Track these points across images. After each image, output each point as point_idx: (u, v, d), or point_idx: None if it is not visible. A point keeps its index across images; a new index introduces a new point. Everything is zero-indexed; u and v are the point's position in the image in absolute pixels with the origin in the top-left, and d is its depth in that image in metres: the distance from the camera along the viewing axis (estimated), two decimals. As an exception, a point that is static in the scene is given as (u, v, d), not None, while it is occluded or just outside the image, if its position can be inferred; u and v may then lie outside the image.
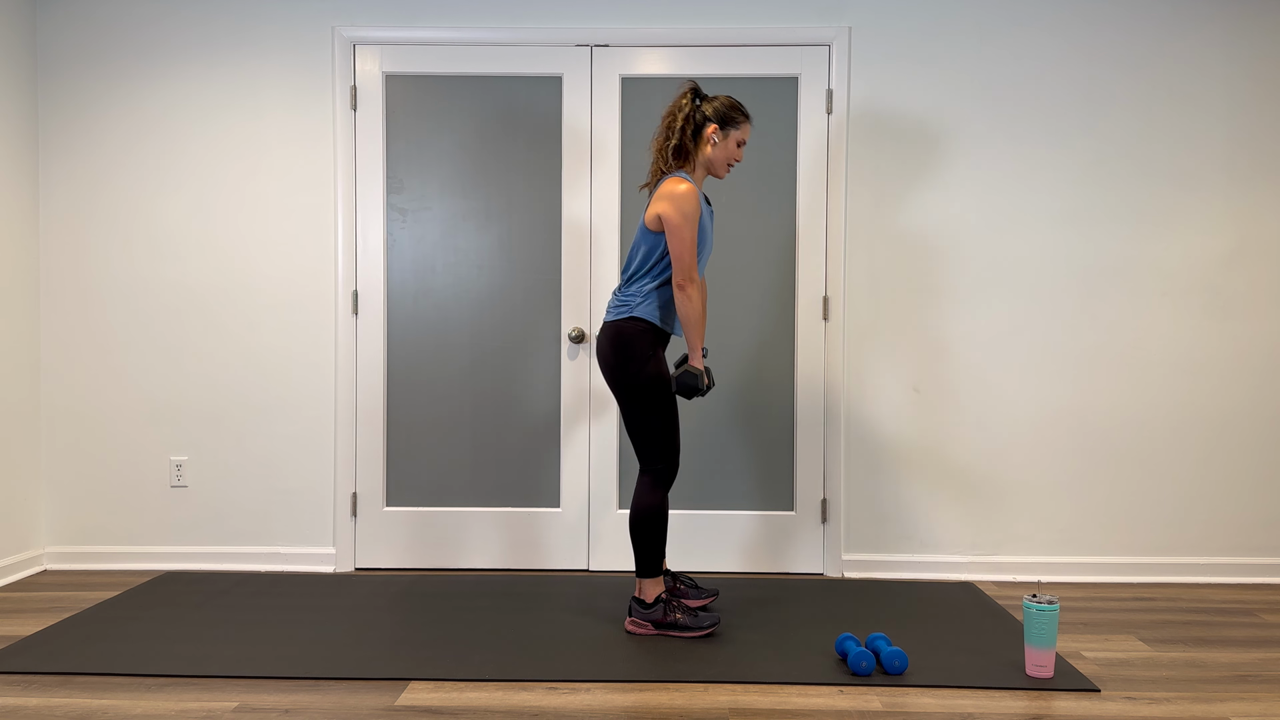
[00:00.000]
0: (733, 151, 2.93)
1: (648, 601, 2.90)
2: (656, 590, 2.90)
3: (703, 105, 2.91)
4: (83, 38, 3.64)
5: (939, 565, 3.63)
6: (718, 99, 2.91)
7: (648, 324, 2.87)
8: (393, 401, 3.69)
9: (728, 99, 2.92)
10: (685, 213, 2.78)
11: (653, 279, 2.88)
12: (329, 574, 3.63)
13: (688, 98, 2.90)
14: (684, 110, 2.88)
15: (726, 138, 2.90)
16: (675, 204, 2.78)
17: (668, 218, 2.79)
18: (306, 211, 3.65)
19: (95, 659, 2.67)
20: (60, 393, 3.69)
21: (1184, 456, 3.61)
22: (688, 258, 2.80)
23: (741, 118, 2.91)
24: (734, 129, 2.90)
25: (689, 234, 2.79)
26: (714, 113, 2.89)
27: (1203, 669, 2.67)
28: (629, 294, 2.91)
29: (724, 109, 2.89)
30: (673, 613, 2.88)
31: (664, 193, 2.81)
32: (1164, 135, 3.57)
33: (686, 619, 2.88)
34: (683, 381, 2.86)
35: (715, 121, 2.88)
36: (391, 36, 3.62)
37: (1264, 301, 3.60)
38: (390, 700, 2.40)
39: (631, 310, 2.87)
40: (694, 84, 2.93)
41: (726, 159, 2.93)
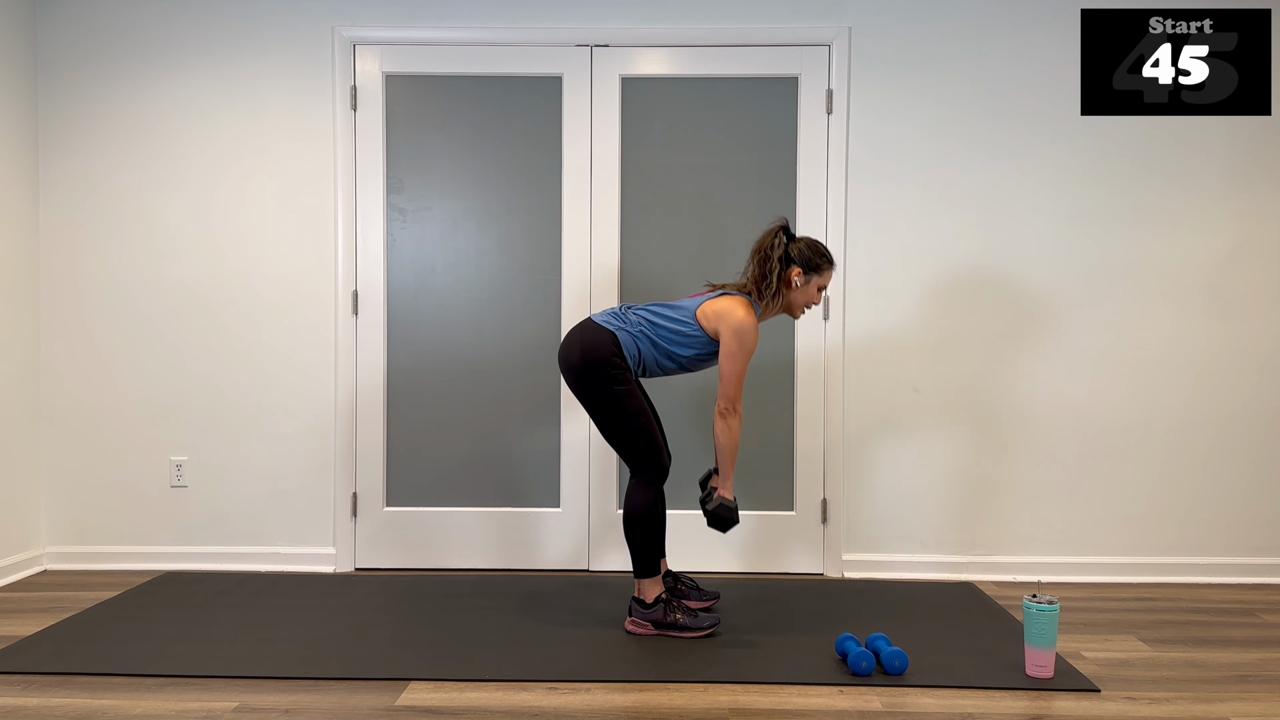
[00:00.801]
0: (812, 295, 2.95)
1: (647, 601, 2.90)
2: (656, 590, 2.90)
3: (790, 246, 2.91)
4: (83, 38, 3.64)
5: (939, 565, 3.63)
6: (802, 241, 2.92)
7: (622, 354, 2.84)
8: (393, 401, 3.69)
9: (813, 244, 2.93)
10: (746, 347, 2.81)
11: (665, 342, 2.87)
12: (329, 574, 3.63)
13: (780, 237, 2.90)
14: (778, 251, 2.88)
15: (808, 283, 2.92)
16: (739, 337, 2.80)
17: (726, 343, 2.81)
18: (306, 211, 3.65)
19: (95, 659, 2.67)
20: (60, 393, 3.69)
21: (1184, 456, 3.61)
22: (734, 388, 2.82)
23: (826, 264, 2.93)
24: (816, 275, 2.92)
25: (742, 366, 2.81)
26: (799, 256, 2.89)
27: (1203, 669, 2.67)
28: (632, 320, 2.88)
29: (810, 254, 2.90)
30: (673, 613, 2.88)
31: (730, 320, 2.80)
32: (1164, 135, 3.57)
33: (686, 619, 2.88)
34: (718, 515, 2.85)
35: (800, 265, 2.89)
36: (391, 36, 3.62)
37: (1264, 301, 3.59)
38: (390, 700, 2.40)
39: (615, 330, 2.85)
40: (784, 222, 2.93)
41: (805, 302, 2.95)
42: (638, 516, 2.88)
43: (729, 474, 2.90)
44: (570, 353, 2.89)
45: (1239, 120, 3.55)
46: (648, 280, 3.64)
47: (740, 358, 2.81)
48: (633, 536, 2.89)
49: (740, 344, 2.81)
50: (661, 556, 2.95)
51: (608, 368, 2.83)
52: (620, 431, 2.87)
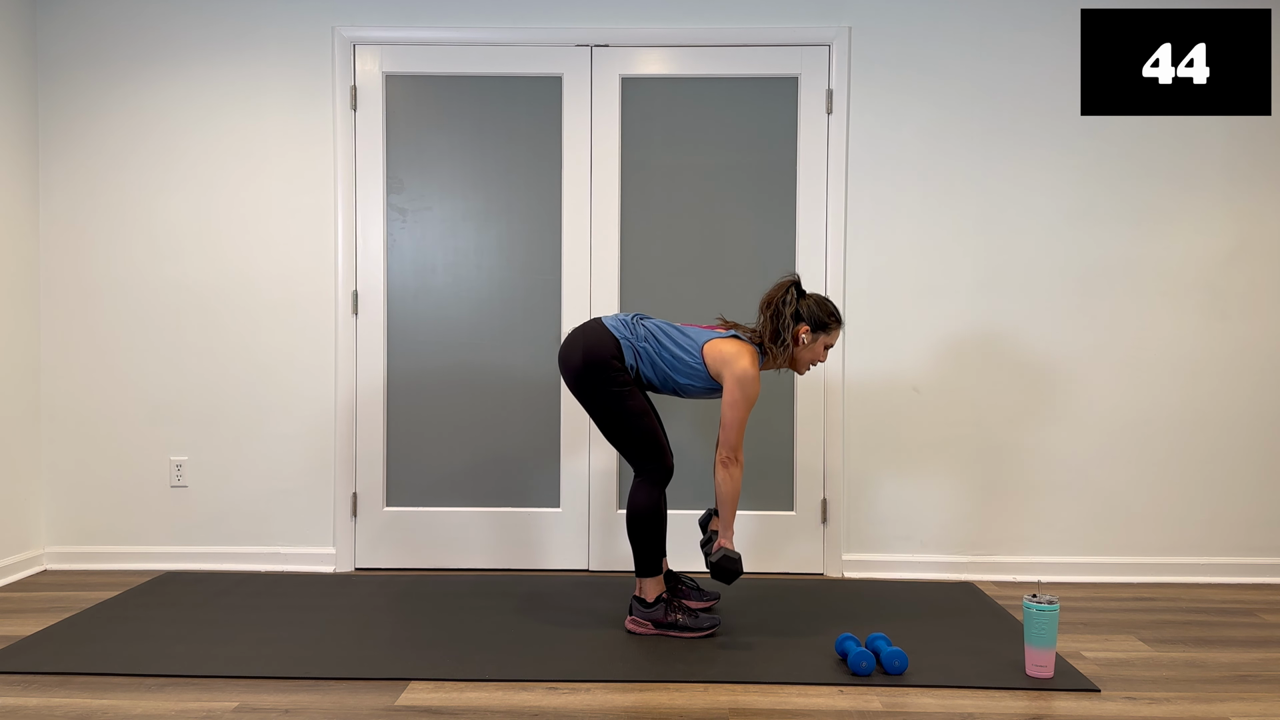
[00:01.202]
0: (818, 353, 2.94)
1: (648, 601, 2.90)
2: (657, 590, 2.90)
3: (801, 303, 2.89)
4: (83, 38, 3.64)
5: (939, 565, 3.63)
6: (812, 299, 2.91)
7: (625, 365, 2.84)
8: (393, 401, 3.69)
9: (823, 302, 2.92)
10: (749, 396, 2.80)
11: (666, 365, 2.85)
12: (329, 574, 3.63)
13: (792, 293, 2.89)
14: (790, 306, 2.86)
15: (815, 341, 2.91)
16: (742, 386, 2.79)
17: (729, 390, 2.80)
18: (307, 211, 3.65)
19: (95, 659, 2.67)
20: (60, 393, 3.69)
21: (1184, 456, 3.61)
22: (736, 435, 2.81)
23: (834, 323, 2.92)
24: (824, 334, 2.91)
25: (744, 414, 2.81)
26: (808, 313, 2.88)
27: (1203, 669, 2.67)
28: (640, 332, 2.87)
29: (819, 313, 2.89)
30: (673, 613, 2.88)
31: (735, 369, 2.79)
32: (1164, 135, 3.57)
33: (687, 619, 2.88)
34: (722, 567, 2.83)
35: (808, 323, 2.88)
36: (391, 36, 3.62)
37: (1264, 301, 3.59)
38: (390, 700, 2.40)
39: (620, 338, 2.85)
40: (795, 279, 2.92)
41: (811, 359, 2.94)
42: (640, 516, 2.88)
43: (730, 524, 2.87)
44: (572, 353, 2.88)
45: (1239, 120, 3.55)
46: (648, 280, 3.64)
47: (743, 406, 2.81)
48: (635, 536, 2.89)
49: (743, 393, 2.80)
50: (663, 556, 2.95)
51: (608, 369, 2.83)
52: (622, 432, 2.87)
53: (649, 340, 2.87)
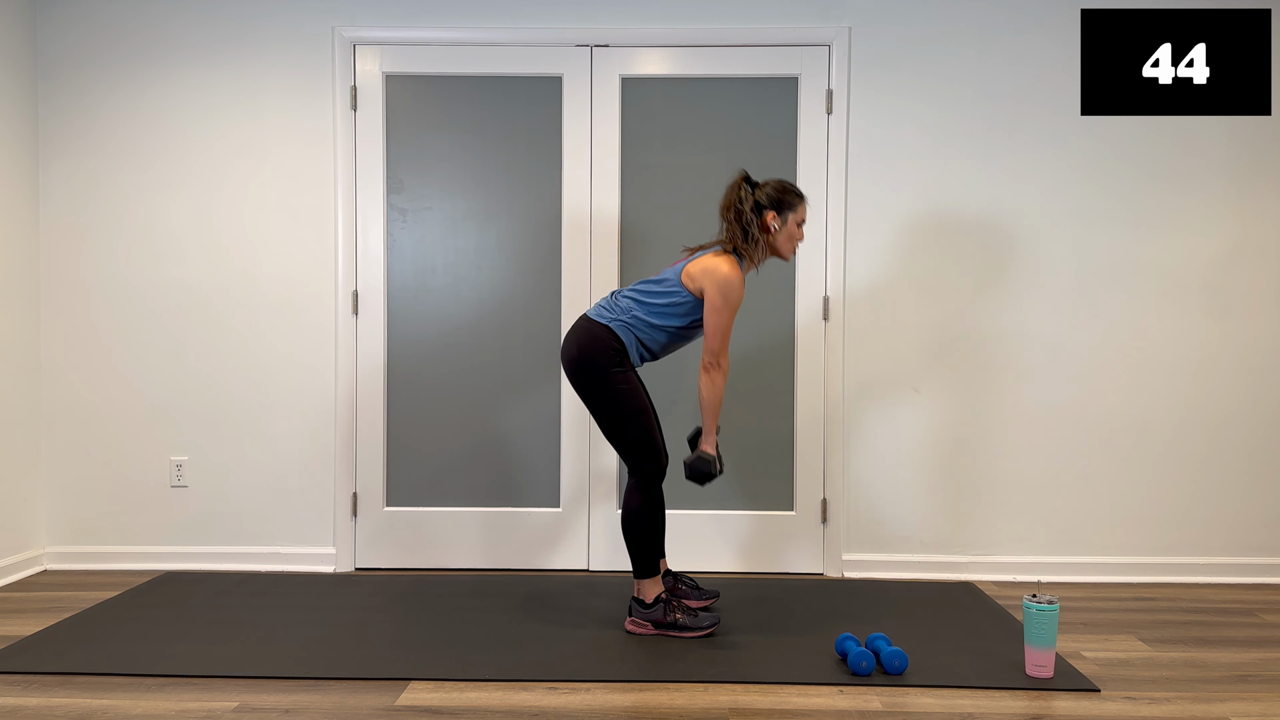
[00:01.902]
0: (794, 233, 2.92)
1: (647, 601, 2.90)
2: (656, 590, 2.90)
3: (756, 192, 2.88)
4: (83, 39, 3.64)
5: (939, 565, 3.63)
6: (768, 184, 2.89)
7: (621, 347, 2.86)
8: (393, 401, 3.69)
9: (779, 183, 2.90)
10: (731, 301, 2.79)
11: (653, 314, 2.87)
12: (329, 574, 3.63)
13: (744, 189, 2.87)
14: (746, 202, 2.85)
15: (785, 223, 2.89)
16: (723, 291, 2.78)
17: (710, 298, 2.79)
18: (307, 211, 3.65)
19: (95, 659, 2.67)
20: (60, 392, 3.69)
21: (1184, 456, 3.61)
22: (719, 342, 2.80)
23: (796, 199, 2.90)
24: (790, 212, 2.89)
25: (727, 319, 2.80)
26: (768, 199, 2.87)
27: (1203, 669, 2.67)
28: (620, 309, 2.89)
29: (778, 194, 2.88)
30: (673, 613, 2.88)
31: (716, 275, 2.79)
32: (1164, 136, 3.57)
33: (686, 619, 2.88)
34: (695, 468, 2.86)
35: (772, 208, 2.87)
36: (391, 36, 3.62)
37: (1264, 301, 3.59)
38: (390, 700, 2.40)
39: (609, 323, 2.86)
40: (744, 173, 2.91)
41: (789, 242, 2.92)
42: (636, 517, 2.88)
43: (712, 429, 2.88)
44: (569, 352, 2.90)
45: (1239, 120, 3.55)
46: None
47: (725, 311, 2.79)
48: (631, 537, 2.89)
49: (725, 298, 2.78)
50: (661, 556, 2.95)
51: (608, 365, 2.83)
52: (619, 430, 2.87)
53: (633, 306, 2.88)
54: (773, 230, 2.87)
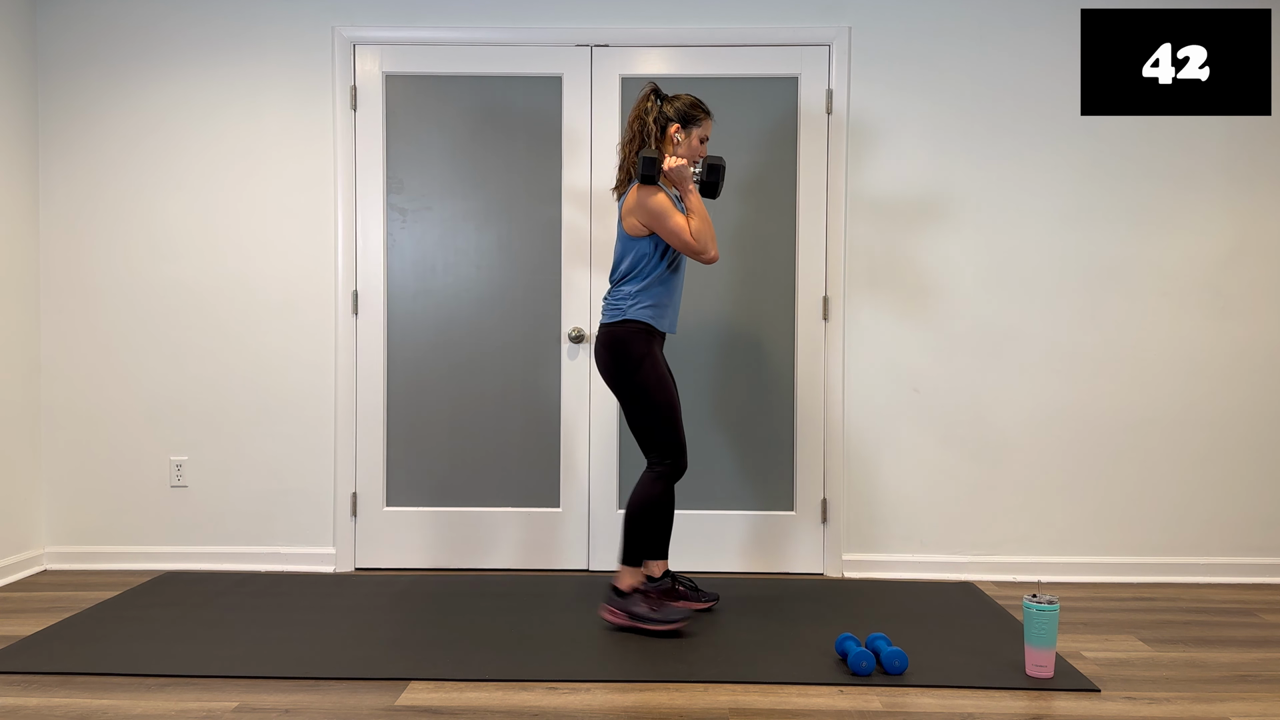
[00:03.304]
0: (696, 149, 2.97)
1: (624, 590, 2.93)
2: (634, 581, 2.93)
3: (664, 106, 2.95)
4: (83, 38, 3.64)
5: (939, 565, 3.63)
6: (679, 98, 2.96)
7: (641, 325, 2.92)
8: (393, 401, 3.69)
9: (689, 97, 2.97)
10: (660, 210, 2.83)
11: (640, 280, 2.93)
12: (329, 574, 3.63)
13: (651, 100, 2.94)
14: (651, 113, 2.93)
15: (689, 136, 2.95)
16: (650, 211, 2.85)
17: (650, 224, 2.86)
18: (306, 211, 3.65)
19: (95, 659, 2.67)
20: (60, 392, 3.69)
21: (1184, 456, 3.61)
22: (690, 242, 2.83)
23: (702, 115, 2.96)
24: (695, 127, 2.95)
25: (675, 222, 2.83)
26: (676, 113, 2.94)
27: (1203, 669, 2.67)
28: (619, 297, 2.95)
29: (685, 108, 2.94)
30: (639, 604, 2.90)
31: (639, 208, 2.87)
32: (1164, 135, 3.57)
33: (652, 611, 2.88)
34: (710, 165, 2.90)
35: (678, 121, 2.93)
36: (391, 36, 3.62)
37: (1264, 301, 3.59)
38: (390, 700, 2.40)
39: (624, 314, 2.92)
40: (654, 85, 2.97)
41: (691, 157, 2.96)
42: (648, 507, 2.91)
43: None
44: (601, 359, 2.98)
45: (1239, 120, 3.55)
46: (648, 280, 3.64)
47: (666, 218, 2.83)
48: (635, 524, 2.92)
49: (654, 214, 2.83)
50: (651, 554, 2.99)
51: (639, 353, 2.89)
52: (650, 421, 2.91)
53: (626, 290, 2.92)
54: (676, 142, 2.93)
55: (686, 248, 2.84)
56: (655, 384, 2.90)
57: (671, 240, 2.85)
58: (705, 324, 3.63)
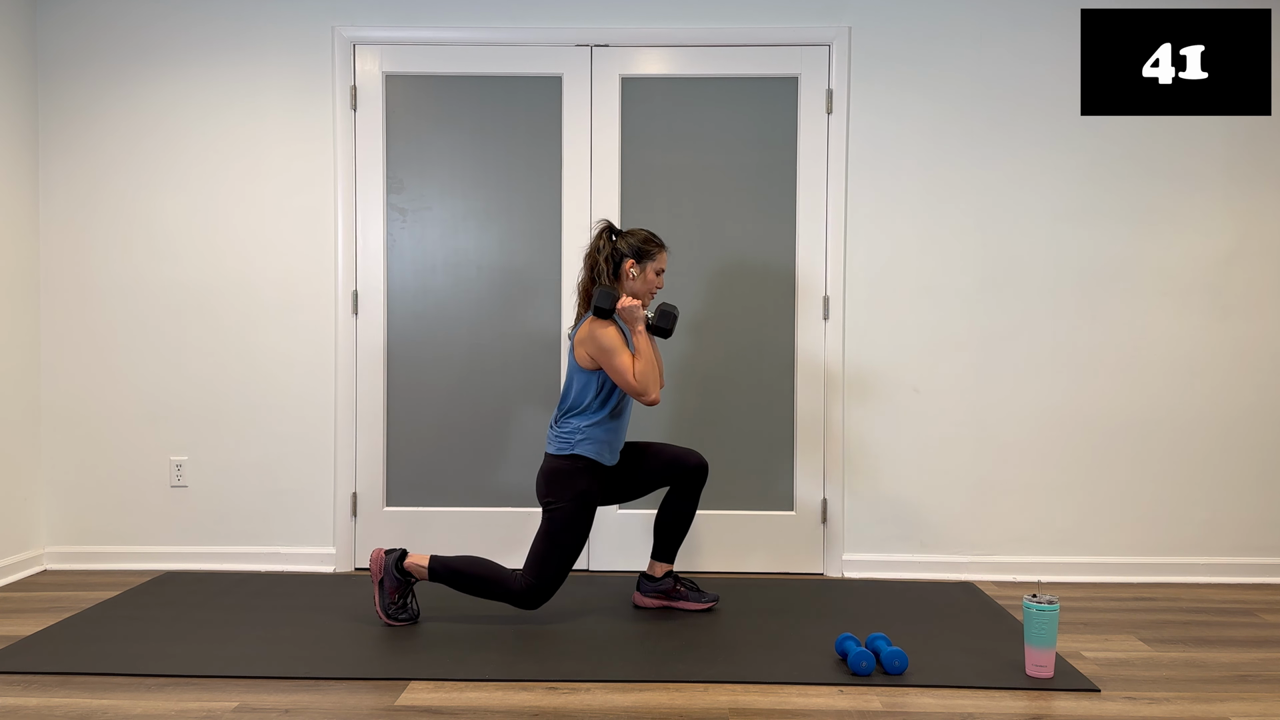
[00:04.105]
0: (652, 281, 3.01)
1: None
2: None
3: (618, 242, 3.00)
4: (82, 37, 3.64)
5: (939, 565, 3.63)
6: (632, 234, 3.01)
7: (589, 461, 2.95)
8: (393, 401, 3.69)
9: (642, 232, 3.03)
10: (610, 346, 2.87)
11: (590, 415, 2.96)
12: (329, 574, 3.63)
13: (604, 238, 3.00)
14: (603, 251, 2.98)
15: (644, 270, 2.99)
16: (599, 346, 2.89)
17: (597, 360, 2.90)
18: (306, 211, 3.65)
19: (95, 659, 2.67)
20: (60, 393, 3.69)
21: (1184, 457, 3.61)
22: (633, 382, 2.86)
23: (656, 248, 3.01)
24: (649, 261, 3.00)
25: (621, 360, 2.87)
26: (629, 248, 2.98)
27: (1203, 669, 2.67)
28: (568, 430, 2.98)
29: (638, 243, 2.99)
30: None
31: (588, 342, 2.91)
32: (1164, 135, 3.57)
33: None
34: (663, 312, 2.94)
35: (631, 256, 2.97)
36: (391, 36, 3.62)
37: (1264, 301, 3.59)
38: (390, 700, 2.40)
39: (573, 448, 2.95)
40: (607, 223, 3.03)
41: (647, 289, 3.01)
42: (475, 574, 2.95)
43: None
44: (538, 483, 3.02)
45: (1239, 120, 3.55)
46: (648, 280, 3.64)
47: (614, 354, 2.87)
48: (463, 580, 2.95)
49: (603, 348, 2.88)
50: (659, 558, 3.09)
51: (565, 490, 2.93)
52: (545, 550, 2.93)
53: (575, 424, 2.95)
54: (631, 277, 2.97)
55: (628, 387, 2.87)
56: (576, 526, 2.93)
57: (615, 377, 2.88)
58: (705, 324, 3.63)
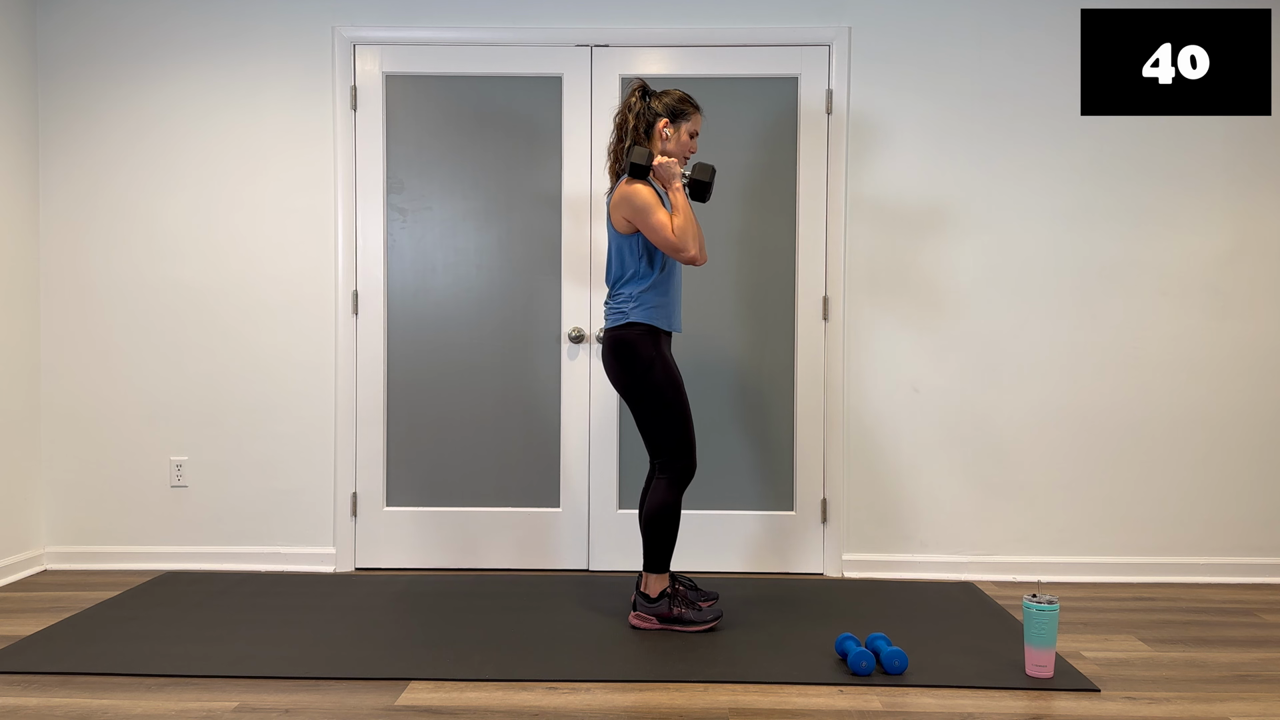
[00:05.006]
0: (686, 144, 2.94)
1: (652, 596, 2.90)
2: (662, 585, 2.91)
3: (652, 101, 2.92)
4: (82, 38, 3.64)
5: (939, 565, 3.63)
6: (667, 93, 2.93)
7: (646, 326, 2.88)
8: (393, 401, 3.69)
9: (677, 92, 2.94)
10: (644, 205, 2.79)
11: (638, 282, 2.89)
12: (329, 574, 3.63)
13: (637, 95, 2.92)
14: (635, 109, 2.90)
15: (678, 130, 2.91)
16: (633, 207, 2.81)
17: (634, 220, 2.82)
18: (306, 211, 3.65)
19: (95, 659, 2.67)
20: (60, 393, 3.69)
21: (1184, 456, 3.61)
22: (672, 239, 2.78)
23: (691, 109, 2.93)
24: (685, 121, 2.92)
25: (658, 218, 2.79)
26: (664, 108, 2.90)
27: (1203, 669, 2.67)
28: (620, 300, 2.92)
29: (673, 103, 2.91)
30: (677, 606, 2.89)
31: (622, 204, 2.83)
32: (1164, 135, 3.57)
33: (690, 613, 2.88)
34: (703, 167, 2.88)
35: (665, 116, 2.90)
36: (391, 36, 3.62)
37: (1264, 301, 3.59)
38: (390, 700, 2.40)
39: (627, 316, 2.89)
40: (642, 82, 2.95)
41: (681, 153, 2.94)
42: (663, 514, 2.88)
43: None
44: (608, 364, 2.95)
45: (1239, 120, 3.55)
46: (648, 280, 3.64)
47: (649, 213, 2.78)
48: (653, 532, 2.89)
49: (637, 209, 2.79)
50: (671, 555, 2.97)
51: (646, 355, 2.85)
52: (660, 423, 2.88)
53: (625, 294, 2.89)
54: (664, 138, 2.90)
55: (667, 245, 2.80)
56: (667, 386, 2.87)
57: (653, 237, 2.81)
58: (705, 324, 3.63)
